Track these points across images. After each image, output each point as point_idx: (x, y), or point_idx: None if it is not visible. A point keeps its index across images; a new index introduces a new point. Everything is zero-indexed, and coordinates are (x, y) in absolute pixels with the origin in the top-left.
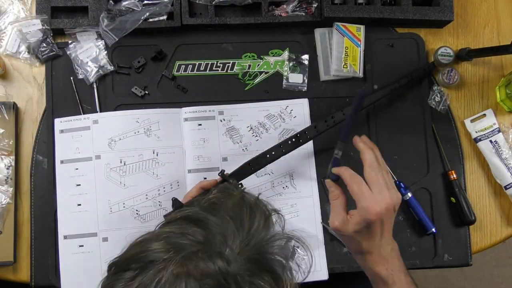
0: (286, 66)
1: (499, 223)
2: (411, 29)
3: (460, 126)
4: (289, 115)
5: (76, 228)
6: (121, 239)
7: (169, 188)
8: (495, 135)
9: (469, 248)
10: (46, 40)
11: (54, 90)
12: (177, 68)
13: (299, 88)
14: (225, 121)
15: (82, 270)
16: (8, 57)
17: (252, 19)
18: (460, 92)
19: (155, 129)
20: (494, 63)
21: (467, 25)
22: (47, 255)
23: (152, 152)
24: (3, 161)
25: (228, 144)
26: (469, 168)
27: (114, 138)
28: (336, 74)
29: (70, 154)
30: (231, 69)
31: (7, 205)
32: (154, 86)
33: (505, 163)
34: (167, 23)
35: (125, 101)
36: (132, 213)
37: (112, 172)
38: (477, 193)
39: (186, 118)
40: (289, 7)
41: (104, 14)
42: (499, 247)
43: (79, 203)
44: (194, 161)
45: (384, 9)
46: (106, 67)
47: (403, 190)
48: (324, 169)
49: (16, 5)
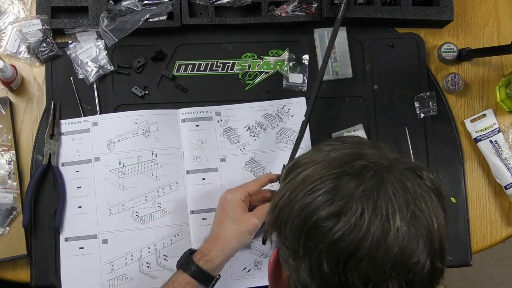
0: (286, 66)
1: (499, 223)
2: (411, 29)
3: (460, 126)
4: (287, 114)
5: (76, 231)
6: (120, 241)
7: (169, 190)
8: (495, 135)
9: (469, 248)
10: (46, 40)
11: (54, 90)
12: (177, 68)
13: (299, 88)
14: (222, 122)
15: (82, 272)
16: (8, 57)
17: (252, 19)
18: (460, 92)
19: (153, 130)
20: (494, 63)
21: (467, 25)
22: (47, 255)
23: (151, 153)
24: (4, 156)
25: (226, 145)
26: (469, 168)
27: (113, 140)
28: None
29: (71, 156)
30: (231, 69)
31: (14, 199)
32: (154, 86)
33: (505, 163)
34: (167, 23)
35: (125, 101)
36: (132, 214)
37: (111, 174)
38: (477, 193)
39: (184, 119)
40: (289, 7)
41: (104, 14)
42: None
43: (80, 205)
44: (192, 162)
45: (384, 9)
46: (106, 67)
47: None
48: None
49: (16, 5)
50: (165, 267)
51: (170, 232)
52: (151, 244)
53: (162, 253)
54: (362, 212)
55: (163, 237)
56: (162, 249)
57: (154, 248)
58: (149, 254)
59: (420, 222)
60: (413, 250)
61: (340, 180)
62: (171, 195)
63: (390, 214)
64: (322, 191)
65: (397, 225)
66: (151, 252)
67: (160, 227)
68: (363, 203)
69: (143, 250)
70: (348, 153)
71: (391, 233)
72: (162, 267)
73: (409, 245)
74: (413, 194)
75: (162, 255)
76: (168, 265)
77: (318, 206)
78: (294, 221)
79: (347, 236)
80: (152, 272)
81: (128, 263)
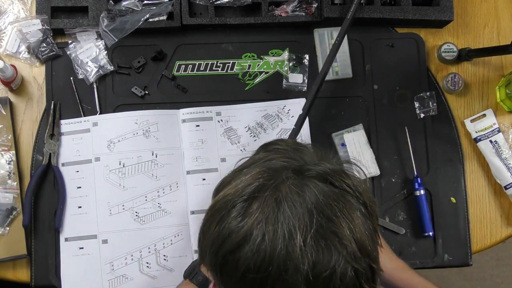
0: (286, 66)
1: (499, 223)
2: (411, 29)
3: (460, 126)
4: (287, 114)
5: (76, 231)
6: (120, 241)
7: (169, 190)
8: (495, 135)
9: (469, 248)
10: (46, 40)
11: (54, 90)
12: (177, 68)
13: (299, 88)
14: (222, 122)
15: (83, 272)
16: (8, 57)
17: (252, 19)
18: (460, 92)
19: (153, 130)
20: (494, 63)
21: (467, 25)
22: (47, 255)
23: (151, 153)
24: (4, 156)
25: (226, 145)
26: (469, 168)
27: (113, 140)
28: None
29: (71, 156)
30: (231, 69)
31: (14, 199)
32: (154, 86)
33: (505, 163)
34: (167, 23)
35: (125, 101)
36: (132, 215)
37: (111, 174)
38: (477, 193)
39: (184, 119)
40: (289, 7)
41: (104, 14)
42: (499, 247)
43: (80, 205)
44: (192, 162)
45: (384, 9)
46: (106, 67)
47: (417, 186)
48: None
49: (16, 5)
50: (165, 267)
51: (170, 233)
52: (151, 244)
53: (162, 253)
54: (263, 237)
55: (163, 237)
56: (162, 249)
57: (154, 248)
58: (149, 254)
59: (329, 232)
60: (326, 262)
61: (245, 203)
62: (171, 196)
63: (292, 233)
64: (231, 216)
65: (300, 243)
66: (151, 252)
67: (160, 228)
68: (263, 227)
69: (143, 250)
70: (256, 173)
71: (296, 251)
72: (162, 267)
73: (320, 258)
74: (316, 204)
75: (162, 255)
76: (168, 265)
77: (223, 238)
78: (209, 256)
79: (253, 266)
80: (152, 272)
81: (128, 263)
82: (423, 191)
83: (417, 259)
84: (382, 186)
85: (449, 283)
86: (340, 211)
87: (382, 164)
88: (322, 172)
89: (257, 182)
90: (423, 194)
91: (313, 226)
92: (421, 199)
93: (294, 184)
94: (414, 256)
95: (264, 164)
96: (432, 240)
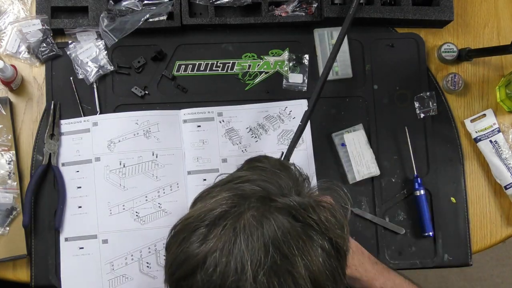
0: (286, 66)
1: (499, 223)
2: (411, 29)
3: (460, 126)
4: (288, 116)
5: (76, 231)
6: (120, 241)
7: (169, 190)
8: (495, 135)
9: (469, 248)
10: (46, 40)
11: (54, 90)
12: (177, 68)
13: (299, 88)
14: (224, 123)
15: (83, 272)
16: (8, 57)
17: (252, 19)
18: (460, 92)
19: (154, 130)
20: (494, 63)
21: (467, 25)
22: (47, 255)
23: (152, 154)
24: (4, 156)
25: (228, 145)
26: (469, 168)
27: (114, 140)
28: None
29: (71, 156)
30: (231, 69)
31: (14, 199)
32: (154, 86)
33: (505, 163)
34: (167, 23)
35: (125, 101)
36: (132, 215)
37: (111, 174)
38: (477, 193)
39: (185, 119)
40: (289, 7)
41: (104, 14)
42: (499, 247)
43: (80, 205)
44: (193, 162)
45: (384, 9)
46: (106, 67)
47: (417, 186)
48: (324, 169)
49: (16, 5)
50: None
51: None
52: (151, 244)
53: (162, 253)
54: (215, 268)
55: (163, 238)
56: (162, 249)
57: (154, 248)
58: (149, 254)
59: (283, 269)
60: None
61: (205, 229)
62: (172, 196)
63: (244, 267)
64: (190, 241)
65: (250, 279)
66: (151, 252)
67: (160, 228)
68: (216, 257)
69: (143, 250)
70: (222, 198)
71: (246, 287)
72: (162, 267)
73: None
74: (273, 240)
75: (162, 255)
76: None
77: (180, 262)
78: (167, 275)
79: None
80: (152, 272)
81: (128, 263)
82: (423, 191)
83: (417, 259)
84: (382, 186)
85: (449, 283)
86: (297, 248)
87: (382, 164)
88: (286, 205)
89: (220, 209)
90: (423, 194)
91: (267, 262)
92: (421, 199)
93: (254, 216)
94: (414, 256)
95: (234, 187)
96: (432, 240)
